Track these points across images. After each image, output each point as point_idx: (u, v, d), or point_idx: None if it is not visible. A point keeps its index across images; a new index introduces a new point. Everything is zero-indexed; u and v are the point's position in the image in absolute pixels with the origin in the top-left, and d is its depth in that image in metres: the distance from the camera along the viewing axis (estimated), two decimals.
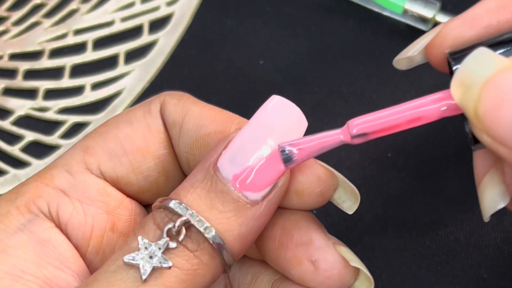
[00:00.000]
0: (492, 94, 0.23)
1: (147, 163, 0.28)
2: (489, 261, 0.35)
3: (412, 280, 0.36)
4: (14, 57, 0.46)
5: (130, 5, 0.46)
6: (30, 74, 0.45)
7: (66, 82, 0.44)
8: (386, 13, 0.43)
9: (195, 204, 0.24)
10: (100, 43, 0.45)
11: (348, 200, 0.28)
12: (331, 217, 0.36)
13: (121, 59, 0.45)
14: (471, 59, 0.24)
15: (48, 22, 0.46)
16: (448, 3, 0.42)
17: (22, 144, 0.43)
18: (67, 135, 0.43)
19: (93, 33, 0.46)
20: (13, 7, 0.47)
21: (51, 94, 0.44)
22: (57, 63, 0.45)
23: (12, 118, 0.43)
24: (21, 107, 0.44)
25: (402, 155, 0.39)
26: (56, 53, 0.45)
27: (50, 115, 0.43)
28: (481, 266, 0.35)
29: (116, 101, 0.43)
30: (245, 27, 0.45)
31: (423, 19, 0.42)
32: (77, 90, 0.44)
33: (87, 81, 0.44)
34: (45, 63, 0.45)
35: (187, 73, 0.44)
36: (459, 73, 0.24)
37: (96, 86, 0.44)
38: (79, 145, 0.28)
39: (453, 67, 0.27)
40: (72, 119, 0.43)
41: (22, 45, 0.46)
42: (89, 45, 0.45)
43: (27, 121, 0.43)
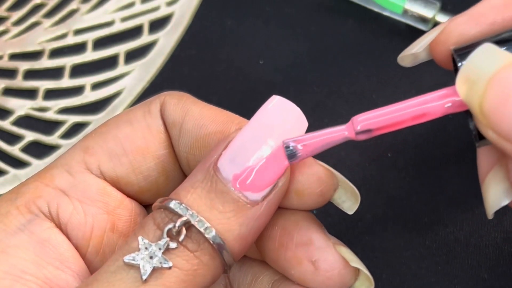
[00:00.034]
0: (497, 90, 0.23)
1: (147, 163, 0.28)
2: (489, 261, 0.35)
3: (412, 280, 0.36)
4: (14, 57, 0.45)
5: (130, 5, 0.46)
6: (30, 74, 0.45)
7: (66, 82, 0.44)
8: (386, 13, 0.43)
9: (195, 204, 0.24)
10: (100, 43, 0.45)
11: (348, 200, 0.28)
12: (331, 217, 0.36)
13: (121, 59, 0.45)
14: (477, 54, 0.24)
15: (48, 22, 0.46)
16: (448, 3, 0.42)
17: (22, 144, 0.43)
18: (67, 135, 0.43)
19: (93, 33, 0.46)
20: (13, 7, 0.47)
21: (51, 94, 0.44)
22: (57, 63, 0.45)
23: (12, 118, 0.43)
24: (21, 107, 0.44)
25: (402, 155, 0.39)
26: (56, 53, 0.45)
27: (50, 115, 0.43)
28: (481, 266, 0.35)
29: (116, 101, 0.43)
30: (245, 27, 0.45)
31: (423, 19, 0.42)
32: (77, 90, 0.44)
33: (87, 81, 0.44)
34: (45, 63, 0.45)
35: (187, 73, 0.44)
36: (464, 69, 0.24)
37: (96, 86, 0.44)
38: (79, 145, 0.28)
39: (458, 64, 0.27)
40: (72, 119, 0.43)
41: (22, 45, 0.46)
42: (89, 45, 0.45)
43: (27, 121, 0.43)
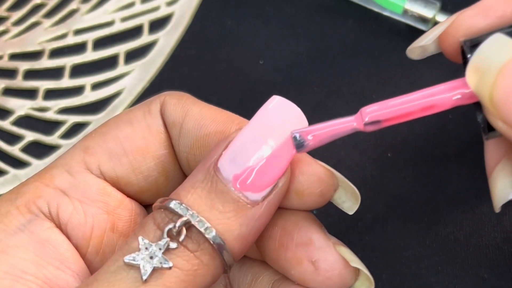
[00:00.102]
0: (508, 80, 0.23)
1: (147, 163, 0.28)
2: (489, 261, 0.35)
3: (412, 280, 0.35)
4: (14, 57, 0.45)
5: (130, 5, 0.46)
6: (30, 74, 0.45)
7: (66, 82, 0.44)
8: (386, 13, 0.43)
9: (195, 205, 0.24)
10: (100, 43, 0.45)
11: (349, 200, 0.28)
12: (331, 217, 0.36)
13: (121, 59, 0.45)
14: (487, 45, 0.24)
15: (48, 22, 0.46)
16: (448, 3, 0.42)
17: (22, 144, 0.43)
18: (67, 135, 0.43)
19: (93, 33, 0.46)
20: (13, 7, 0.47)
21: (51, 94, 0.44)
22: (57, 63, 0.45)
23: (12, 118, 0.43)
24: (21, 107, 0.44)
25: (402, 155, 0.39)
26: (56, 53, 0.45)
27: (50, 115, 0.43)
28: (481, 266, 0.35)
29: (116, 101, 0.43)
30: (245, 27, 0.45)
31: (423, 19, 0.42)
32: (77, 90, 0.44)
33: (87, 81, 0.44)
34: (45, 63, 0.45)
35: (187, 73, 0.44)
36: (474, 59, 0.24)
37: (96, 86, 0.44)
38: (79, 145, 0.28)
39: (467, 55, 0.26)
40: (72, 119, 0.43)
41: (22, 45, 0.46)
42: (89, 45, 0.45)
43: (27, 121, 0.43)
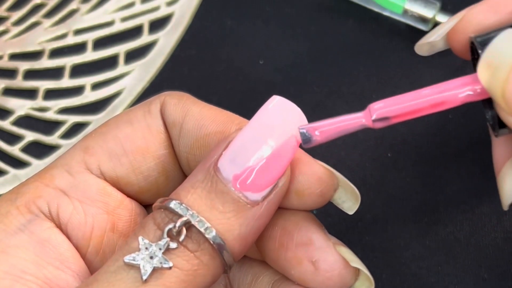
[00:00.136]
0: None
1: (147, 163, 0.28)
2: (489, 261, 0.35)
3: (412, 280, 0.35)
4: (14, 57, 0.45)
5: (130, 5, 0.46)
6: (30, 74, 0.45)
7: (66, 82, 0.44)
8: (386, 13, 0.43)
9: (195, 205, 0.24)
10: (100, 43, 0.45)
11: (349, 200, 0.28)
12: (331, 217, 0.36)
13: (121, 59, 0.45)
14: (500, 40, 0.23)
15: (48, 22, 0.46)
16: (448, 3, 0.42)
17: (22, 144, 0.43)
18: (67, 135, 0.43)
19: (93, 33, 0.46)
20: (13, 7, 0.47)
21: (51, 94, 0.44)
22: (57, 63, 0.45)
23: (12, 118, 0.43)
24: (21, 107, 0.44)
25: (402, 155, 0.39)
26: (56, 53, 0.45)
27: (50, 115, 0.43)
28: (481, 266, 0.35)
29: (116, 101, 0.43)
30: (245, 27, 0.45)
31: (423, 19, 0.42)
32: (77, 90, 0.44)
33: (87, 81, 0.44)
34: (45, 63, 0.45)
35: (187, 73, 0.44)
36: (486, 54, 0.23)
37: (96, 86, 0.44)
38: (79, 145, 0.28)
39: (478, 51, 0.26)
40: (72, 119, 0.43)
41: (22, 45, 0.46)
42: (89, 45, 0.45)
43: (27, 121, 0.43)
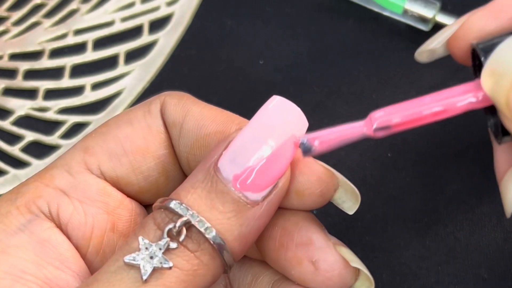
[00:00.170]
0: None
1: (147, 163, 0.28)
2: (489, 261, 0.35)
3: (412, 280, 0.35)
4: (14, 57, 0.45)
5: (130, 5, 0.46)
6: (30, 74, 0.45)
7: (66, 82, 0.44)
8: (386, 13, 0.43)
9: (195, 205, 0.24)
10: (100, 43, 0.45)
11: (349, 200, 0.28)
12: (331, 217, 0.36)
13: (121, 59, 0.45)
14: (504, 48, 0.23)
15: (48, 22, 0.46)
16: (448, 3, 0.42)
17: (22, 144, 0.43)
18: (67, 135, 0.43)
19: (93, 33, 0.46)
20: (13, 7, 0.47)
21: (51, 94, 0.44)
22: (57, 63, 0.45)
23: (12, 118, 0.43)
24: (21, 107, 0.44)
25: (402, 155, 0.39)
26: (56, 53, 0.45)
27: (50, 115, 0.43)
28: (481, 266, 0.35)
29: (116, 101, 0.43)
30: (245, 27, 0.45)
31: (423, 19, 0.42)
32: (77, 90, 0.44)
33: (87, 81, 0.44)
34: (45, 63, 0.45)
35: (187, 73, 0.44)
36: (490, 62, 0.23)
37: (96, 86, 0.44)
38: (79, 145, 0.28)
39: (481, 58, 0.26)
40: (72, 119, 0.43)
41: (22, 45, 0.46)
42: (89, 45, 0.45)
43: (27, 121, 0.43)
